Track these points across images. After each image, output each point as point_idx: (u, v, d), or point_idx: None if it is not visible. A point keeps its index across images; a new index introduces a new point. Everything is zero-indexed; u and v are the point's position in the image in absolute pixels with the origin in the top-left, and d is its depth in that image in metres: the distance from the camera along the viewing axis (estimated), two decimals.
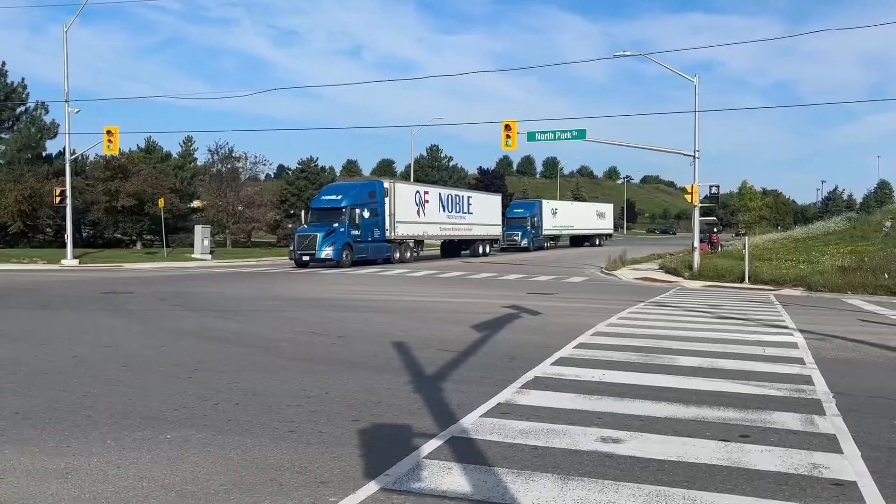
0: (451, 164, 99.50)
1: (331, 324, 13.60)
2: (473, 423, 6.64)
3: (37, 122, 51.49)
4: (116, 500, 4.73)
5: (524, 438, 6.14)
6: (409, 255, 39.05)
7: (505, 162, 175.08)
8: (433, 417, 6.87)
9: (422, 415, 6.97)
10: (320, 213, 34.93)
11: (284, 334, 12.20)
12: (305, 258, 33.20)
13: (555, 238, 62.63)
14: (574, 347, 10.88)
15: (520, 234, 55.52)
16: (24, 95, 51.36)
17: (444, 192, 44.28)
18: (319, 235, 33.25)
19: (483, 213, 47.38)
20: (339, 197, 35.31)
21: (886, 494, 4.91)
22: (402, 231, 37.82)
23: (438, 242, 47.01)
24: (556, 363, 9.62)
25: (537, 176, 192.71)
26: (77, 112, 36.94)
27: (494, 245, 50.32)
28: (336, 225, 33.84)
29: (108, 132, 34.16)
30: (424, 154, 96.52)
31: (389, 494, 4.85)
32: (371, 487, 4.97)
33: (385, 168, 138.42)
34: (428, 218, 40.75)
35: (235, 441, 6.05)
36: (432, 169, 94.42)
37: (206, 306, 16.48)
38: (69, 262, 34.82)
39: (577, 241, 67.80)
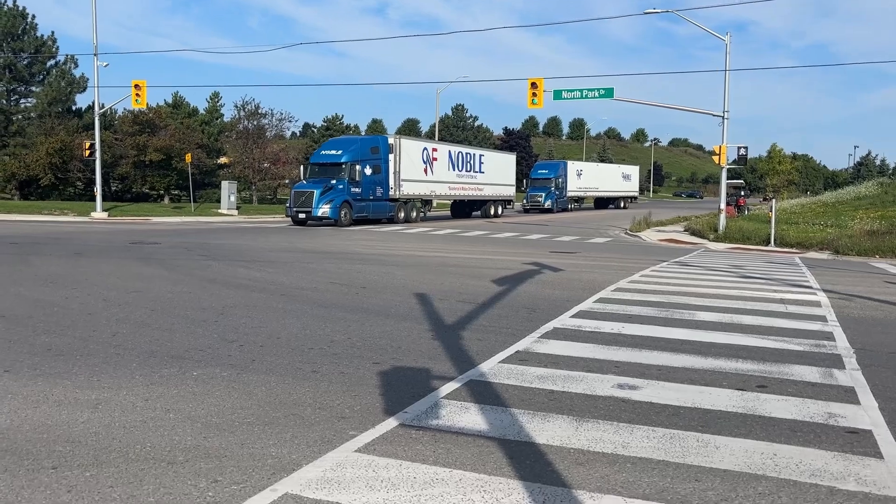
0: (476, 123, 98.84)
1: (353, 275, 13.74)
2: (491, 368, 6.74)
3: (66, 75, 51.86)
4: (144, 428, 4.90)
5: (541, 383, 6.23)
6: (414, 215, 37.12)
7: (531, 122, 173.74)
8: (452, 362, 6.98)
9: (441, 360, 7.08)
10: (319, 168, 33.08)
11: (308, 284, 12.37)
12: (301, 216, 31.60)
13: (579, 200, 61.58)
14: (594, 302, 10.92)
15: (543, 195, 54.27)
16: (53, 49, 51.68)
17: (455, 149, 41.98)
18: (316, 192, 31.41)
19: (496, 173, 45.37)
20: (339, 152, 33.09)
21: None
22: (407, 190, 35.83)
23: (447, 203, 45.23)
24: (575, 316, 9.67)
25: (563, 137, 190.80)
26: (106, 66, 37.16)
27: (508, 206, 48.48)
28: (334, 182, 32.01)
29: (136, 86, 34.31)
30: (449, 113, 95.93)
31: (408, 430, 4.97)
32: (390, 423, 5.10)
33: (410, 127, 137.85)
34: (436, 177, 38.69)
35: (259, 379, 6.21)
36: (457, 129, 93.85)
37: (231, 257, 16.71)
38: (98, 214, 35.33)
39: (602, 203, 66.91)
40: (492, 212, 45.19)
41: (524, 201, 55.87)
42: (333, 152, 33.46)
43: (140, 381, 6.09)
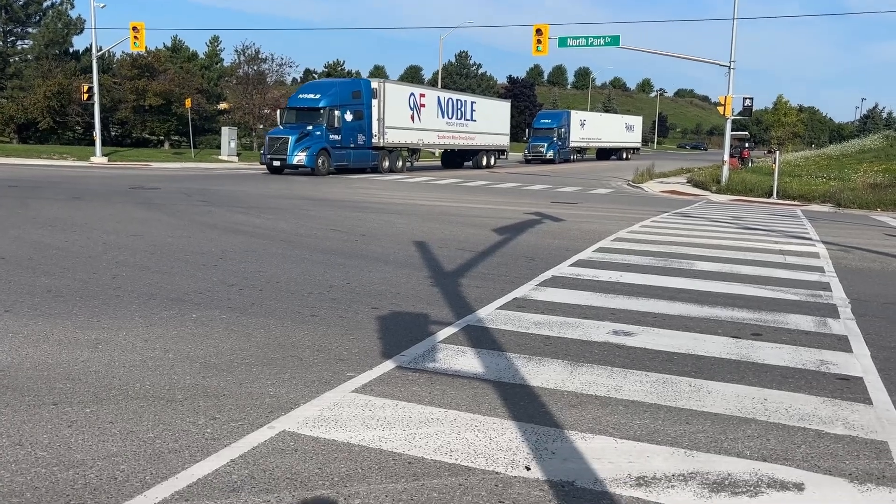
0: (479, 71, 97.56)
1: (353, 222, 13.74)
2: (489, 314, 6.79)
3: (63, 16, 51.09)
4: (144, 367, 4.96)
5: (538, 329, 6.29)
6: (400, 164, 34.92)
7: (535, 71, 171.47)
8: (450, 308, 7.03)
9: (439, 305, 7.13)
10: (296, 113, 30.93)
11: (308, 230, 12.38)
12: (276, 163, 29.75)
13: (581, 150, 60.07)
14: (593, 251, 10.94)
15: (545, 145, 53.13)
16: None
17: (444, 95, 39.41)
18: (291, 139, 29.45)
19: (489, 121, 42.87)
20: (317, 96, 30.79)
21: (890, 389, 5.00)
22: (392, 138, 33.59)
23: (436, 152, 43.67)
24: (574, 264, 9.70)
25: (568, 87, 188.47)
26: (103, 7, 36.54)
27: (502, 156, 46.23)
28: (311, 128, 29.91)
29: (134, 29, 33.77)
30: (453, 61, 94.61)
31: (405, 372, 5.04)
32: (388, 365, 5.16)
33: (413, 74, 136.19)
34: (424, 124, 36.23)
35: (259, 322, 6.26)
36: (460, 76, 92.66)
37: (231, 203, 16.69)
38: (98, 159, 35.16)
39: (604, 154, 65.83)
40: (484, 162, 43.37)
41: (525, 151, 54.97)
42: (311, 96, 31.23)
43: (139, 322, 6.14)
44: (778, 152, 31.23)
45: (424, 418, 4.19)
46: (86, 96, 37.08)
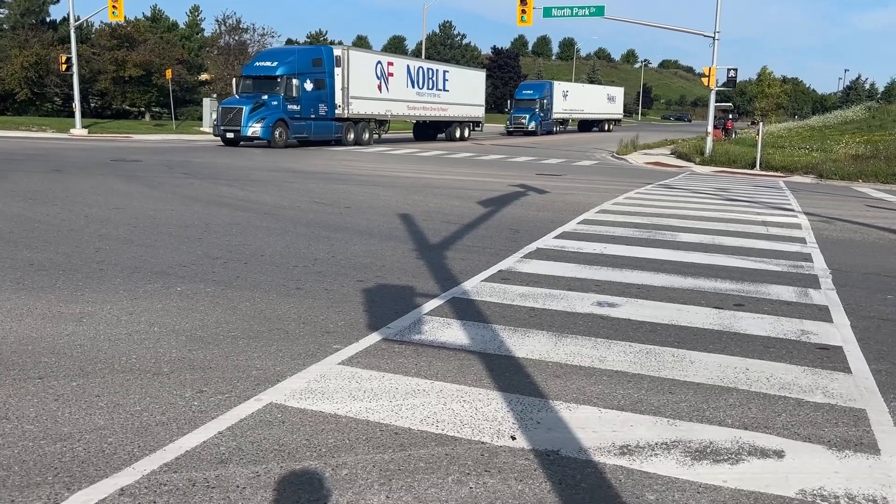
0: (464, 42, 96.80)
1: (337, 195, 13.69)
2: (474, 286, 6.81)
3: None
4: (129, 341, 4.95)
5: (522, 301, 6.32)
6: (367, 136, 33.26)
7: (520, 42, 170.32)
8: (436, 280, 7.04)
9: (425, 278, 7.14)
10: (253, 82, 29.26)
11: (292, 203, 12.32)
12: (230, 135, 28.21)
13: (564, 122, 58.95)
14: (578, 223, 10.98)
15: (527, 116, 52.01)
16: None
17: (415, 64, 37.56)
18: (245, 109, 27.99)
19: (462, 91, 41.07)
20: (274, 64, 29.18)
21: (869, 357, 5.09)
22: (357, 108, 31.99)
23: (407, 123, 41.84)
24: (558, 237, 9.74)
25: (553, 58, 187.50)
26: None
27: (477, 128, 44.35)
28: (266, 97, 28.37)
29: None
30: (437, 31, 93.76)
31: (391, 344, 5.06)
32: (373, 338, 5.18)
33: (396, 44, 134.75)
34: (392, 94, 34.53)
35: (244, 295, 6.26)
36: (444, 47, 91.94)
37: (214, 175, 16.55)
38: (78, 131, 34.68)
39: (586, 125, 64.82)
40: (457, 134, 41.53)
41: (507, 123, 54.17)
42: (268, 64, 29.55)
43: (124, 295, 6.11)
44: (761, 123, 31.33)
45: (411, 389, 4.22)
46: (64, 67, 36.44)
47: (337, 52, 31.32)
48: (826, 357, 5.10)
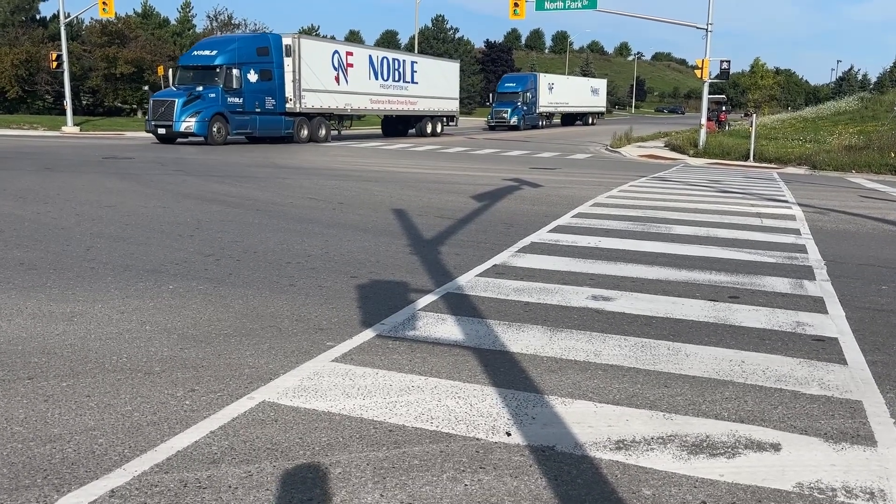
0: (456, 36, 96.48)
1: (331, 191, 13.63)
2: (469, 281, 6.78)
3: None
4: (120, 340, 4.90)
5: (517, 295, 6.29)
6: (323, 133, 30.98)
7: (513, 35, 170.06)
8: (430, 276, 7.01)
9: (419, 273, 7.10)
10: (191, 73, 26.98)
11: (285, 199, 12.26)
12: (162, 130, 26.10)
13: (549, 116, 57.07)
14: (572, 217, 10.95)
15: (509, 110, 50.15)
16: None
17: (378, 54, 35.07)
18: (178, 102, 25.75)
19: (433, 84, 38.55)
20: (213, 52, 26.79)
21: (865, 349, 5.07)
22: (311, 102, 29.54)
23: (377, 119, 39.93)
24: (553, 230, 9.71)
25: (546, 51, 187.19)
26: None
27: (451, 123, 42.37)
28: (202, 89, 26.03)
29: None
30: (430, 25, 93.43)
31: (385, 340, 5.02)
32: (367, 334, 5.14)
33: (389, 39, 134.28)
34: (352, 87, 32.12)
35: (237, 293, 6.21)
36: (437, 41, 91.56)
37: (206, 172, 16.47)
38: (70, 128, 34.54)
39: (569, 119, 62.84)
40: (429, 129, 39.13)
41: (488, 117, 52.32)
42: (206, 53, 27.09)
43: (115, 294, 6.06)
44: (755, 115, 31.34)
45: (405, 386, 4.19)
46: (55, 64, 36.25)
47: (287, 40, 28.92)
48: (822, 349, 5.08)
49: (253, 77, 27.27)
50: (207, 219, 9.97)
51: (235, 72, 26.60)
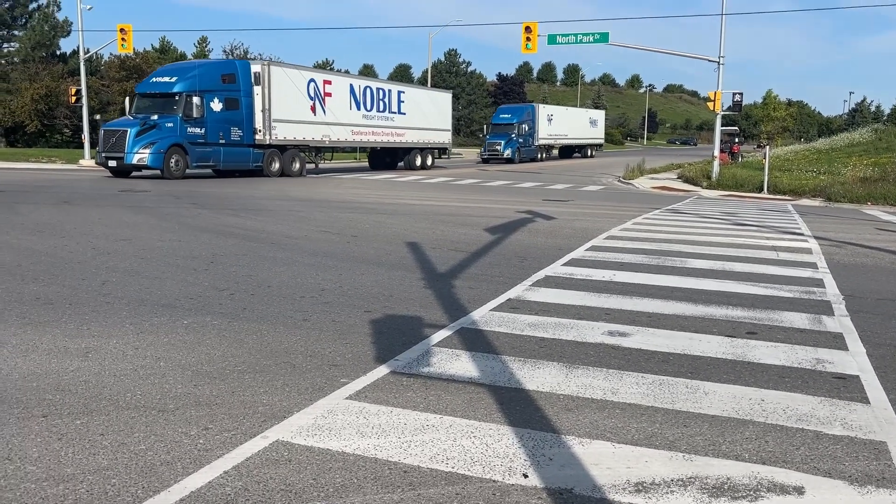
0: (469, 69, 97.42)
1: (344, 223, 13.68)
2: (483, 316, 6.74)
3: (49, 19, 50.79)
4: (135, 377, 4.89)
5: (532, 331, 6.24)
6: (296, 166, 29.02)
7: (525, 68, 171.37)
8: (444, 310, 6.98)
9: (433, 308, 7.08)
10: (148, 101, 25.21)
11: (299, 232, 12.30)
12: (113, 163, 24.28)
13: (549, 148, 54.98)
14: (586, 250, 10.91)
15: (503, 143, 48.04)
16: None
17: (360, 83, 33.02)
18: (131, 132, 23.82)
19: (423, 114, 36.74)
20: (172, 79, 25.03)
21: (887, 387, 4.98)
22: (283, 133, 27.77)
23: (357, 149, 38.39)
24: (567, 264, 9.67)
25: (557, 84, 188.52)
26: (90, 9, 36.44)
27: (443, 155, 40.67)
28: (157, 118, 24.27)
29: (122, 30, 33.58)
30: (442, 59, 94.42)
31: (399, 377, 4.99)
32: (381, 370, 5.11)
33: (402, 72, 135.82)
34: (331, 117, 30.33)
35: (251, 327, 6.20)
36: (450, 74, 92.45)
37: (221, 205, 16.58)
38: (87, 162, 34.94)
39: (567, 151, 61.06)
40: (418, 162, 37.10)
41: (481, 150, 50.50)
42: (165, 80, 25.32)
43: (130, 329, 6.07)
44: (768, 147, 31.31)
45: (420, 425, 4.14)
46: (73, 99, 36.89)
47: (255, 67, 27.25)
48: (843, 387, 4.99)
49: (217, 106, 25.53)
50: (222, 252, 10.01)
51: (196, 100, 24.75)
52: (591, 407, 4.50)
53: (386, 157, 36.73)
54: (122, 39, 33.63)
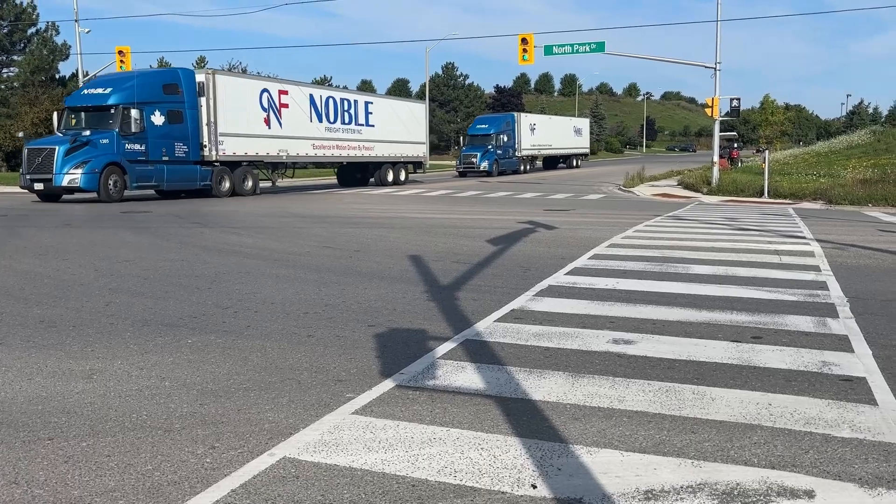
0: (466, 82, 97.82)
1: (346, 238, 13.69)
2: (487, 327, 6.73)
3: (48, 43, 51.07)
4: (140, 397, 4.88)
5: (537, 341, 6.23)
6: (249, 184, 26.72)
7: (522, 80, 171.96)
8: (447, 322, 6.97)
9: (436, 320, 7.07)
10: (79, 115, 23.03)
11: (300, 248, 12.31)
12: (39, 185, 21.91)
13: (532, 159, 52.95)
14: (588, 258, 10.91)
15: (479, 155, 45.55)
16: (34, 16, 50.82)
17: (322, 93, 30.59)
18: (59, 150, 21.54)
19: (394, 127, 34.44)
20: (107, 91, 22.70)
21: (894, 388, 4.96)
22: (231, 148, 25.42)
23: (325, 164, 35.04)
24: (570, 273, 9.66)
25: (555, 94, 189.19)
26: (88, 32, 36.80)
27: (419, 170, 38.76)
28: (90, 134, 22.00)
29: (120, 52, 33.76)
30: (440, 72, 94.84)
31: (405, 391, 4.97)
32: (387, 385, 5.09)
33: (400, 87, 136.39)
34: (288, 130, 27.98)
35: (255, 345, 6.19)
36: (447, 87, 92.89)
37: (222, 223, 16.62)
38: None
39: (552, 162, 58.88)
40: (390, 177, 34.77)
41: (457, 163, 48.20)
42: (98, 91, 22.94)
43: (134, 349, 6.06)
44: (767, 151, 31.35)
45: (427, 438, 4.13)
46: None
47: (200, 77, 24.93)
48: (850, 389, 4.97)
49: (158, 119, 23.25)
50: (225, 271, 10.02)
51: (135, 113, 22.44)
52: (598, 415, 4.49)
53: (356, 173, 34.65)
54: (121, 61, 33.77)
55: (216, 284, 8.99)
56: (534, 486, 3.53)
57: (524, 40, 29.80)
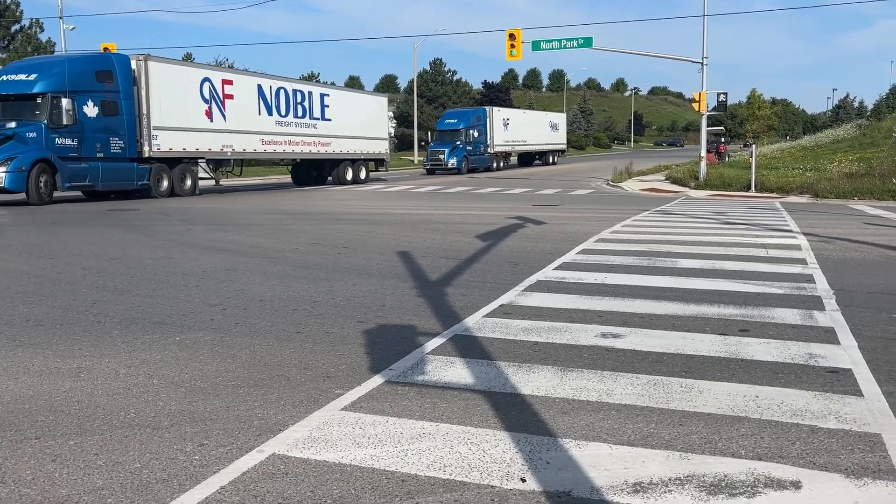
0: (455, 78, 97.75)
1: (334, 235, 13.67)
2: (476, 322, 6.74)
3: (32, 40, 50.57)
4: (128, 395, 4.86)
5: (526, 335, 6.25)
6: (188, 183, 24.41)
7: (510, 75, 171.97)
8: (437, 318, 6.97)
9: (426, 316, 7.07)
10: (3, 105, 20.17)
11: (289, 245, 12.28)
12: None
13: (506, 156, 51.25)
14: (577, 253, 10.94)
15: (447, 151, 42.98)
16: (17, 13, 50.32)
17: (272, 84, 27.93)
18: None
19: (353, 122, 32.07)
20: (32, 77, 20.03)
21: (880, 379, 5.01)
22: (168, 143, 22.98)
23: (270, 160, 33.27)
24: (558, 268, 9.69)
25: (543, 90, 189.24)
26: (73, 29, 36.47)
27: (380, 167, 36.21)
28: (15, 126, 19.41)
29: (106, 49, 33.50)
30: (428, 68, 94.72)
31: (394, 386, 4.98)
32: (376, 381, 5.09)
33: (388, 83, 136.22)
34: (233, 124, 25.47)
35: (243, 342, 6.18)
36: (436, 83, 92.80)
37: (210, 221, 16.55)
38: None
39: (527, 159, 57.08)
40: (349, 176, 32.32)
41: (424, 159, 46.20)
42: (22, 77, 20.20)
43: (122, 348, 6.03)
44: (754, 146, 31.51)
45: (416, 433, 4.13)
46: None
47: (133, 64, 22.34)
48: (836, 380, 5.02)
49: (91, 111, 20.71)
50: (212, 268, 9.98)
51: (66, 102, 19.87)
52: (587, 409, 4.51)
53: (311, 171, 32.40)
54: None
55: (204, 282, 8.96)
56: (523, 480, 3.54)
57: (512, 36, 29.81)
